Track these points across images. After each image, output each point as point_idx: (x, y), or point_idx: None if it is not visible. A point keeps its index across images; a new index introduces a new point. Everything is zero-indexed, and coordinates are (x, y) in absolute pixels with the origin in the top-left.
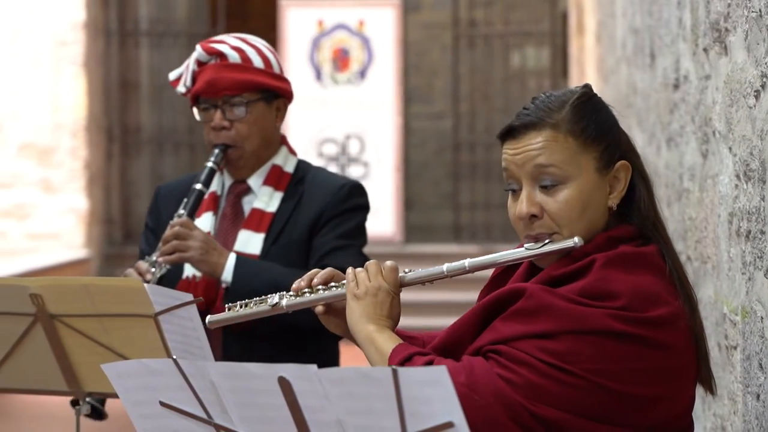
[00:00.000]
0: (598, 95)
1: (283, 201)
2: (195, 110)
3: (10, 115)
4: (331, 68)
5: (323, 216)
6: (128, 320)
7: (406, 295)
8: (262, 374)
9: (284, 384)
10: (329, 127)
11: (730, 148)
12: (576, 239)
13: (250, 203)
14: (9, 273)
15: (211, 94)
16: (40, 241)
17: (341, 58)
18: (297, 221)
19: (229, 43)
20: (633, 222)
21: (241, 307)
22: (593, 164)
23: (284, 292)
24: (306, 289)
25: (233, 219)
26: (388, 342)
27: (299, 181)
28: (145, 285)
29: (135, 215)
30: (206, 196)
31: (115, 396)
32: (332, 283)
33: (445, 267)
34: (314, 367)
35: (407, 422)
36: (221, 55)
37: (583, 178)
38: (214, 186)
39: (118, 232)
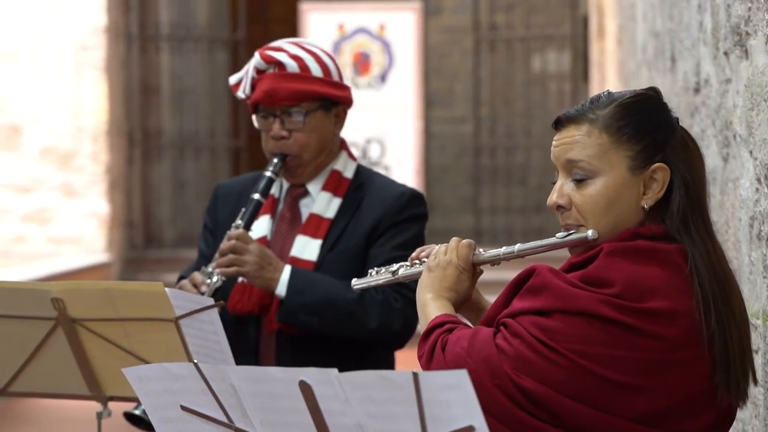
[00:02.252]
0: (661, 99)
1: (342, 207)
2: (254, 117)
3: (31, 120)
4: (351, 72)
5: (381, 225)
6: (149, 324)
7: None
8: (283, 378)
9: (305, 388)
10: (350, 130)
11: (750, 152)
12: (590, 232)
13: (307, 207)
14: (30, 277)
15: (269, 103)
16: (62, 245)
17: (362, 62)
18: (355, 229)
19: (287, 51)
20: (666, 223)
21: (376, 273)
22: (626, 162)
23: (404, 263)
24: (416, 261)
25: (291, 223)
26: (436, 310)
27: (358, 187)
28: (166, 289)
29: (156, 219)
30: None
31: (136, 400)
32: None
33: (502, 250)
34: (335, 371)
35: (428, 426)
36: (279, 65)
37: (612, 174)
38: (272, 189)
39: (139, 237)
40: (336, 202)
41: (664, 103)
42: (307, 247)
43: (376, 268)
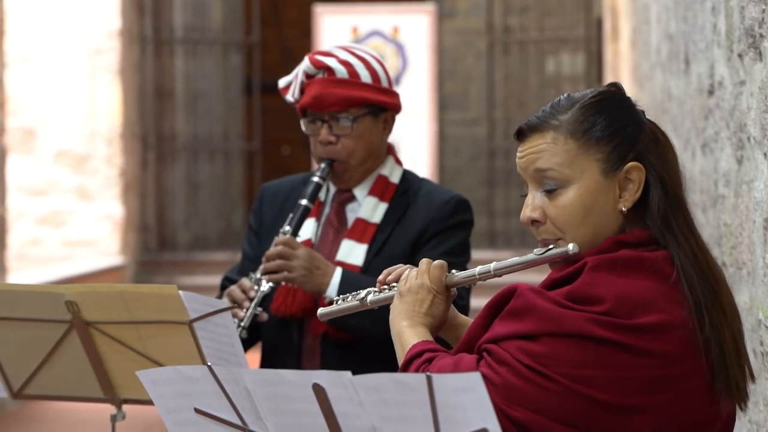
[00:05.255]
0: (623, 94)
1: (387, 213)
2: (302, 122)
3: (46, 123)
4: None
5: (427, 231)
6: (163, 327)
7: None
8: (297, 381)
9: (319, 391)
10: None
11: (765, 154)
12: (571, 246)
13: (353, 212)
14: (45, 280)
15: (318, 108)
16: (76, 248)
17: None
18: (401, 235)
19: (337, 57)
20: (648, 225)
21: (342, 300)
22: (598, 166)
23: (372, 288)
24: (384, 286)
25: (337, 227)
26: (413, 337)
27: (404, 193)
28: (180, 292)
29: (170, 222)
30: None
31: (150, 403)
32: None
33: (477, 270)
34: (348, 374)
35: (441, 429)
36: (329, 70)
37: (585, 181)
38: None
39: (153, 240)
40: (382, 207)
41: (627, 98)
42: (353, 252)
43: (342, 296)
